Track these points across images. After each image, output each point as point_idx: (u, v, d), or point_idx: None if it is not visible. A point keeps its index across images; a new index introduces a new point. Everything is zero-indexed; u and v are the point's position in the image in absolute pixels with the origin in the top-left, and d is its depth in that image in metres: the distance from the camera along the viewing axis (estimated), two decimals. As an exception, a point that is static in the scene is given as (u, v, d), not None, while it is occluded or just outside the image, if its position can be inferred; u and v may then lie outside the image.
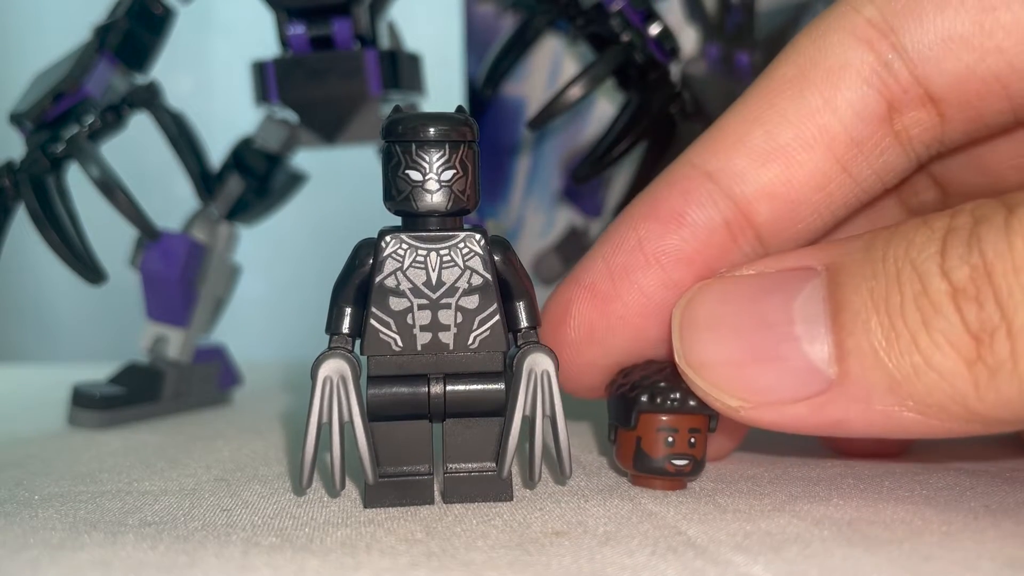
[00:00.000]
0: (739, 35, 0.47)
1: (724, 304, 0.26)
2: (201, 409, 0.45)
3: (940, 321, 0.22)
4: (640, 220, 0.28)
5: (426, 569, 0.21)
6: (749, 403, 0.25)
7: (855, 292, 0.23)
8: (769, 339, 0.24)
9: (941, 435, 0.23)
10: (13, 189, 0.38)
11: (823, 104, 0.26)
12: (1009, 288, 0.21)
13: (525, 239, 0.52)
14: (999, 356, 0.21)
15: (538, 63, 0.51)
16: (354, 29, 0.41)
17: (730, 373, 0.25)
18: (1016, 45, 0.24)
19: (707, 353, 0.25)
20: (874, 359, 0.23)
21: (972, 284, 0.22)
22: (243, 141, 0.44)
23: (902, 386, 0.23)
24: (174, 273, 0.42)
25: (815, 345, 0.24)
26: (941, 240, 0.22)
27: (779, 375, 0.24)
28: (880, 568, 0.20)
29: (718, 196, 0.27)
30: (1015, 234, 0.21)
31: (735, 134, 0.27)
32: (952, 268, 0.22)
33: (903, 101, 0.26)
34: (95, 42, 0.40)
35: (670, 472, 0.27)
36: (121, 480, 0.30)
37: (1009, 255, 0.21)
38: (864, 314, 0.23)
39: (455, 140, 0.25)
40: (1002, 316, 0.21)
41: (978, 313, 0.21)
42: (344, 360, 0.25)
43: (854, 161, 0.27)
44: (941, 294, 0.22)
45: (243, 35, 0.69)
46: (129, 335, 0.51)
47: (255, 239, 0.51)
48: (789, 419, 0.25)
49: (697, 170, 0.28)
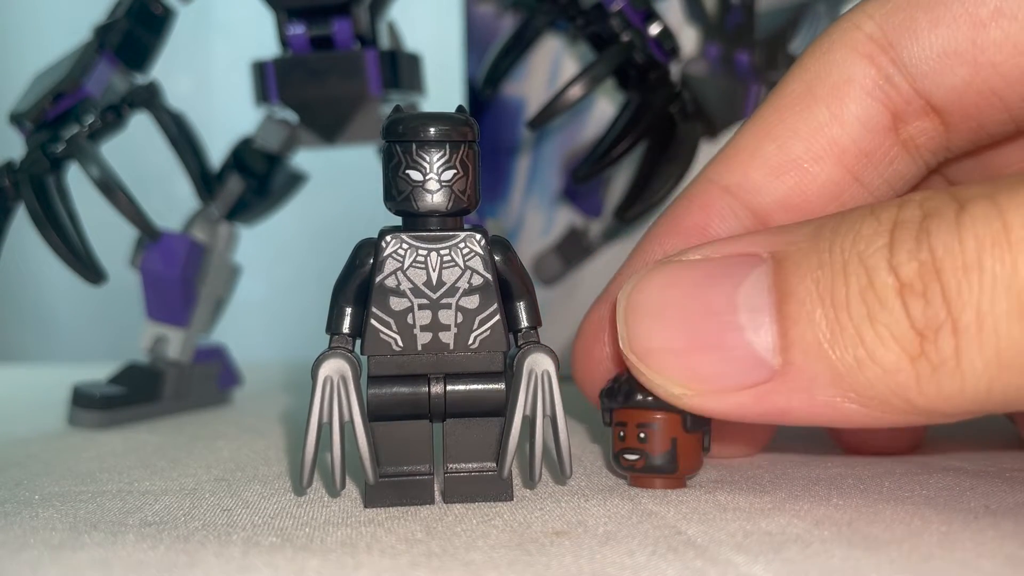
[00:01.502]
0: (739, 35, 0.47)
1: (668, 289, 0.25)
2: (201, 409, 0.45)
3: (885, 315, 0.22)
4: (665, 236, 0.29)
5: (426, 569, 0.21)
6: (692, 391, 0.25)
7: (800, 282, 0.23)
8: (713, 327, 0.24)
9: (882, 426, 0.24)
10: (13, 189, 0.38)
11: (831, 118, 0.27)
12: (958, 286, 0.21)
13: (525, 239, 0.52)
14: (943, 353, 0.21)
15: (538, 63, 0.51)
16: (354, 29, 0.41)
17: (673, 360, 0.25)
18: (1008, 59, 0.25)
19: (651, 340, 0.25)
20: (818, 351, 0.23)
21: (920, 280, 0.21)
22: (243, 141, 0.44)
23: (844, 378, 0.23)
24: (174, 273, 0.42)
25: (759, 334, 0.24)
26: (889, 232, 0.22)
27: (722, 363, 0.24)
28: (880, 568, 0.20)
29: (738, 209, 0.28)
30: (966, 231, 0.21)
31: (749, 149, 0.28)
32: (900, 263, 0.22)
33: (907, 112, 0.27)
34: (95, 42, 0.40)
35: (622, 466, 0.27)
36: (121, 480, 0.30)
37: (960, 253, 0.21)
38: (809, 305, 0.23)
39: (456, 140, 0.25)
40: (948, 313, 0.21)
41: (924, 309, 0.21)
42: (344, 360, 0.25)
43: (865, 171, 0.27)
44: (887, 288, 0.22)
45: (243, 35, 0.69)
46: (129, 335, 0.51)
47: (255, 239, 0.51)
48: (732, 407, 0.24)
49: (715, 185, 0.29)
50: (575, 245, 0.51)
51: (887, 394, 0.22)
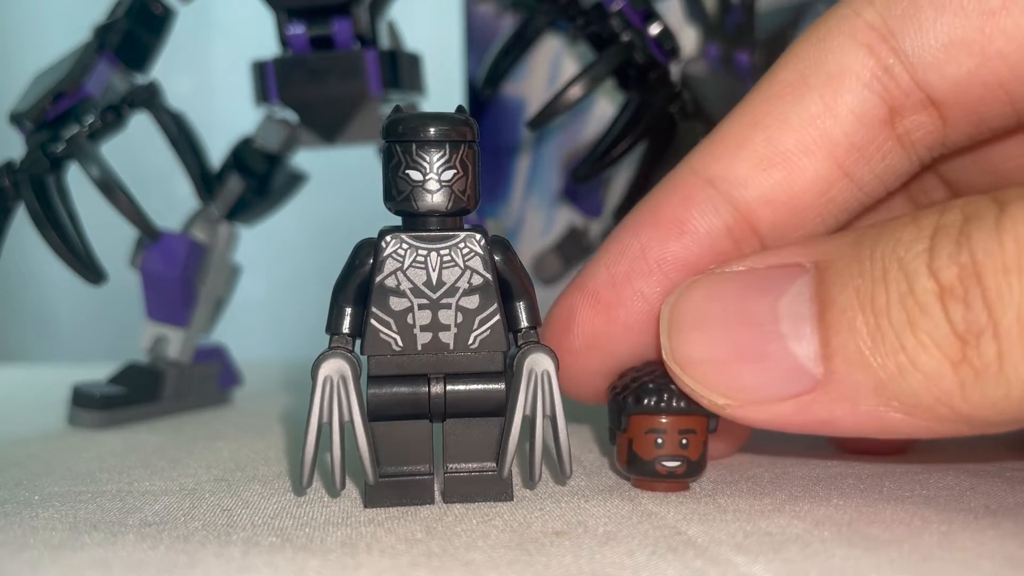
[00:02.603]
0: (739, 35, 0.47)
1: (712, 301, 0.25)
2: (201, 409, 0.45)
3: (926, 321, 0.22)
4: (642, 227, 0.28)
5: (426, 569, 0.21)
6: (736, 401, 0.25)
7: (841, 290, 0.23)
8: (755, 337, 0.24)
9: (928, 435, 0.23)
10: (13, 189, 0.38)
11: (824, 109, 0.26)
12: (998, 289, 0.21)
13: (525, 239, 0.52)
14: (985, 358, 0.21)
15: (538, 63, 0.51)
16: (354, 29, 0.41)
17: (716, 371, 0.25)
18: (1018, 50, 0.24)
19: (694, 351, 0.25)
20: (860, 359, 0.23)
21: (960, 284, 0.21)
22: (243, 141, 0.44)
23: (887, 386, 0.22)
24: (174, 273, 0.42)
25: (801, 344, 0.23)
26: (929, 238, 0.22)
27: (765, 374, 0.24)
28: (880, 568, 0.20)
29: (719, 202, 0.27)
30: (1006, 233, 0.21)
31: (736, 140, 0.27)
32: (940, 268, 0.22)
33: (904, 105, 0.26)
34: (95, 42, 0.40)
35: (661, 474, 0.27)
36: (121, 480, 0.30)
37: (1000, 255, 0.21)
38: (850, 313, 0.23)
39: (455, 140, 0.25)
40: (989, 317, 0.21)
41: (965, 314, 0.21)
42: (344, 360, 0.25)
43: (856, 166, 0.26)
44: (928, 294, 0.22)
45: (243, 35, 0.69)
46: (129, 335, 0.51)
47: (255, 239, 0.51)
48: (775, 417, 0.24)
49: (698, 176, 0.28)
50: (575, 245, 0.51)
51: (931, 401, 0.22)
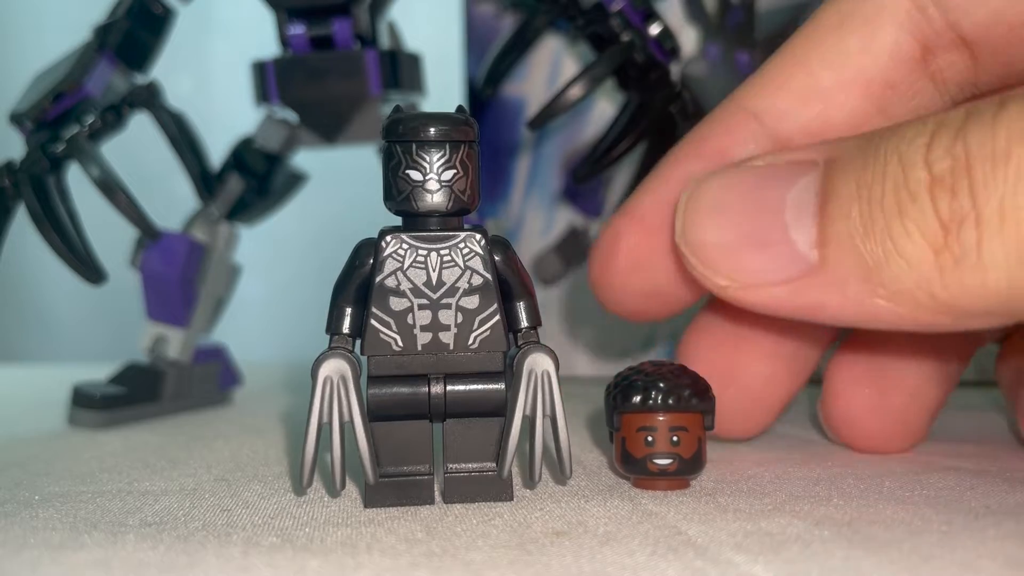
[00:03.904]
0: (739, 35, 0.47)
1: (728, 190, 0.27)
2: (201, 409, 0.45)
3: (914, 210, 0.22)
4: (686, 157, 0.30)
5: (427, 569, 0.21)
6: (736, 283, 0.26)
7: (844, 183, 0.24)
8: (762, 225, 0.25)
9: (912, 326, 0.24)
10: (13, 189, 0.38)
11: (861, 48, 0.27)
12: (984, 177, 0.21)
13: (525, 239, 0.52)
14: (965, 245, 0.22)
15: (538, 63, 0.51)
16: (354, 29, 0.41)
17: (722, 253, 0.26)
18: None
19: (705, 234, 0.27)
20: (850, 246, 0.24)
21: (951, 175, 0.22)
22: (243, 141, 0.44)
23: (873, 273, 0.23)
24: (174, 273, 0.42)
25: (801, 232, 0.25)
26: (930, 133, 0.23)
27: (766, 258, 0.25)
28: (880, 568, 0.20)
29: (760, 134, 0.29)
30: (1000, 124, 0.21)
31: (779, 76, 0.29)
32: (936, 159, 0.22)
33: (937, 44, 0.27)
34: (95, 42, 0.40)
35: (652, 472, 0.27)
36: (121, 480, 0.30)
37: (990, 144, 0.21)
38: (847, 203, 0.24)
39: (456, 140, 0.25)
40: (973, 205, 0.21)
41: (951, 202, 0.22)
42: (344, 360, 0.25)
43: (889, 102, 0.28)
44: (919, 183, 0.22)
45: (243, 35, 0.69)
46: (129, 335, 0.51)
47: (255, 239, 0.51)
48: (770, 300, 0.26)
49: (742, 109, 0.29)
50: (575, 245, 0.51)
51: (912, 288, 0.23)
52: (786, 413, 0.40)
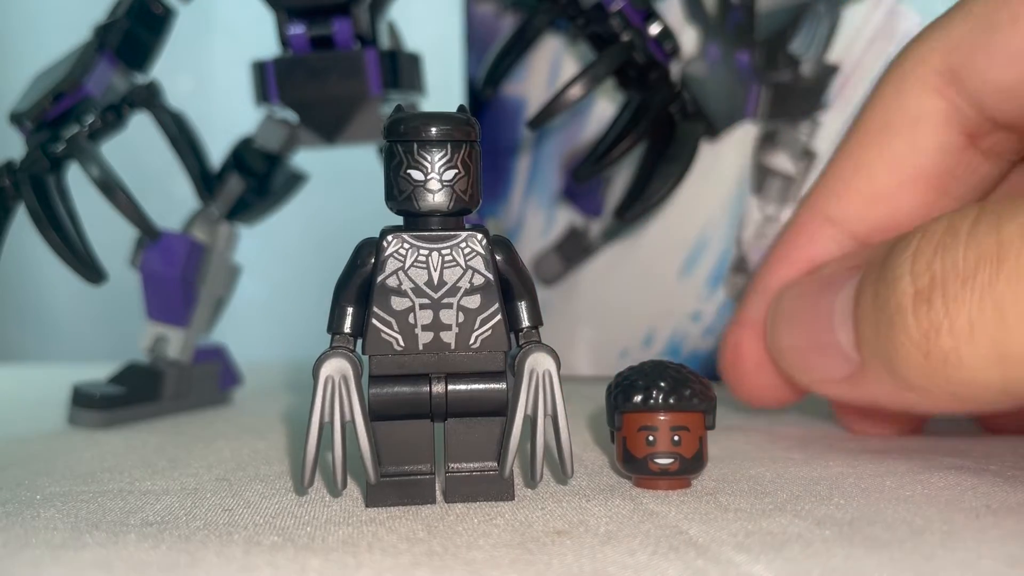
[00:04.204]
0: (739, 35, 0.47)
1: (797, 299, 0.31)
2: (201, 409, 0.45)
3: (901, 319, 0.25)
4: (779, 265, 0.33)
5: (428, 568, 0.21)
6: (811, 381, 0.30)
7: (866, 291, 0.27)
8: (820, 329, 0.29)
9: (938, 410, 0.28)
10: (13, 189, 0.38)
11: (911, 150, 0.30)
12: (955, 294, 0.24)
13: (525, 239, 0.52)
14: (944, 350, 0.24)
15: (538, 63, 0.51)
16: (354, 29, 0.41)
17: (796, 356, 0.30)
18: None
19: (783, 339, 0.31)
20: (875, 347, 0.27)
21: (928, 289, 0.25)
22: (243, 141, 0.44)
23: (894, 371, 0.26)
24: (174, 273, 0.42)
25: (844, 334, 0.28)
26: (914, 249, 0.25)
27: (826, 359, 0.29)
28: (882, 567, 0.20)
29: (840, 236, 0.32)
30: (970, 245, 0.24)
31: (843, 180, 0.32)
32: (918, 274, 0.25)
33: (979, 133, 0.30)
34: (95, 42, 0.40)
35: (654, 471, 0.27)
36: (122, 480, 0.30)
37: (961, 264, 0.24)
38: (869, 310, 0.26)
39: (457, 139, 0.25)
40: (946, 315, 0.24)
41: (928, 313, 0.25)
42: (346, 359, 0.25)
43: (950, 186, 0.31)
44: (905, 295, 0.25)
45: (243, 35, 0.69)
46: (129, 335, 0.51)
47: (255, 239, 0.51)
48: (840, 394, 0.29)
49: (818, 216, 0.32)
50: (575, 245, 0.51)
51: (923, 384, 0.25)
52: (786, 413, 0.40)
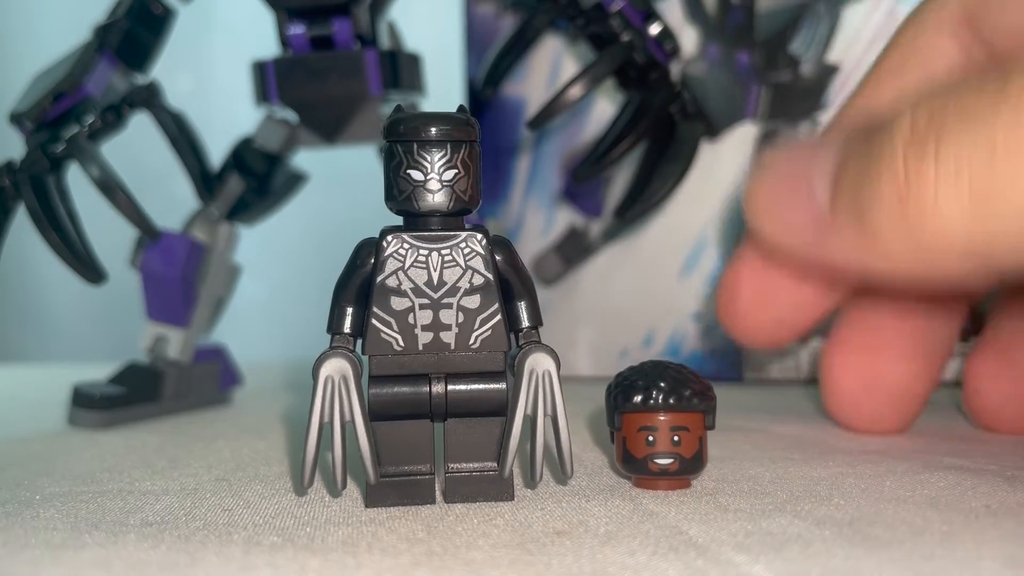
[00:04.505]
0: (739, 35, 0.47)
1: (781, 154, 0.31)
2: (201, 409, 0.45)
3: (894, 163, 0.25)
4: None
5: (427, 568, 0.21)
6: (775, 229, 0.30)
7: (854, 138, 0.27)
8: (798, 176, 0.29)
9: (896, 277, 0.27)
10: (13, 189, 0.38)
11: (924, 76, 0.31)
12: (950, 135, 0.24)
13: (525, 239, 0.52)
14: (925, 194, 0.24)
15: (538, 63, 0.51)
16: (354, 29, 0.41)
17: (767, 202, 0.30)
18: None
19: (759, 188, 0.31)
20: (851, 194, 0.26)
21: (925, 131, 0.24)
22: (243, 141, 0.44)
23: (864, 218, 0.26)
24: (174, 273, 0.42)
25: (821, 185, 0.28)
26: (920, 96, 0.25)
27: (796, 205, 0.29)
28: (881, 568, 0.20)
29: None
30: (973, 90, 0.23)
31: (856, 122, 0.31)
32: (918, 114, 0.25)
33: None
34: (95, 42, 0.40)
35: (654, 472, 0.27)
36: (122, 480, 0.30)
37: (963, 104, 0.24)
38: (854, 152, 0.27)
39: (457, 140, 0.25)
40: (935, 159, 0.24)
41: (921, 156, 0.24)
42: (345, 360, 0.25)
43: None
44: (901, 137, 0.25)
45: (243, 35, 0.69)
46: (129, 335, 0.51)
47: (255, 239, 0.51)
48: (800, 245, 0.29)
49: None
50: (575, 245, 0.51)
51: (890, 233, 0.25)
52: (786, 413, 0.40)
